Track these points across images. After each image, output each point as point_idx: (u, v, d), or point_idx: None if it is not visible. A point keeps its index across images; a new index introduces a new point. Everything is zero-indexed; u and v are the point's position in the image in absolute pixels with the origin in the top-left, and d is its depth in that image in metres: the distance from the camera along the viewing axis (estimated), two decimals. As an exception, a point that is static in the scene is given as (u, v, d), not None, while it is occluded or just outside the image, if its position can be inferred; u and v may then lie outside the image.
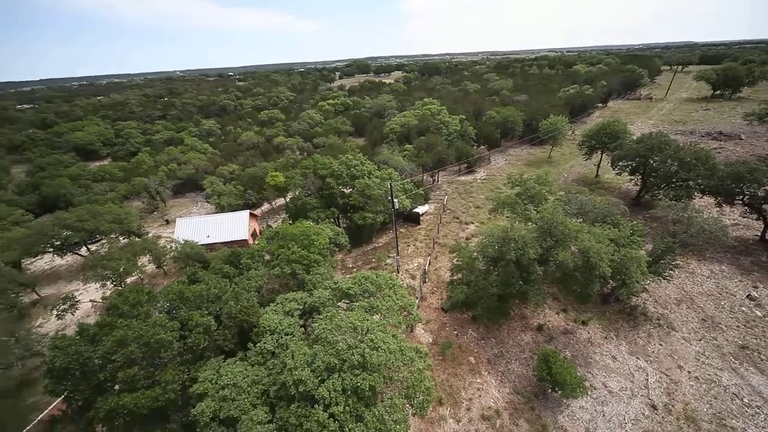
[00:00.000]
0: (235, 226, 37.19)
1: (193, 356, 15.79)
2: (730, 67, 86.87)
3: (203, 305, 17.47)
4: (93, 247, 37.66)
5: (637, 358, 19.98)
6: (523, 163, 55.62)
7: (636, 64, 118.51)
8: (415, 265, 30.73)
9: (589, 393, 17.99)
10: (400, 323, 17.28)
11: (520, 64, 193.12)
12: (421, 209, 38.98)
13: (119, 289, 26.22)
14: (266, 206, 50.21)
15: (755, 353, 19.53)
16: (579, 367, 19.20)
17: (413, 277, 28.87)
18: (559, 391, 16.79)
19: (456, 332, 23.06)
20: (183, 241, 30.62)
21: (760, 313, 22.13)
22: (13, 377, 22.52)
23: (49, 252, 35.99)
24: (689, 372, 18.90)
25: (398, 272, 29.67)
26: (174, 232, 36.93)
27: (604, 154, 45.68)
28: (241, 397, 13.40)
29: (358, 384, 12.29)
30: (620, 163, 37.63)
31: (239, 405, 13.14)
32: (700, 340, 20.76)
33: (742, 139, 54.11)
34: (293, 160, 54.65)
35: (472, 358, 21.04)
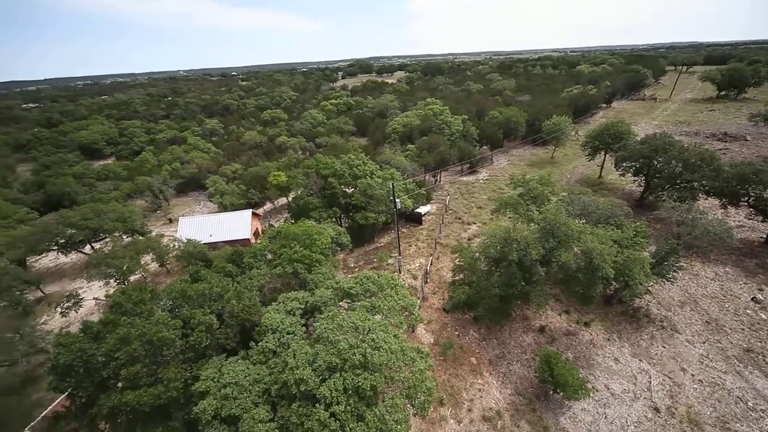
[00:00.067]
0: (238, 226, 37.35)
1: (195, 354, 15.89)
2: (735, 68, 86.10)
3: (205, 304, 17.58)
4: (97, 246, 37.94)
5: (640, 361, 19.86)
6: (526, 164, 55.43)
7: (640, 65, 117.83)
8: (417, 265, 30.72)
9: (591, 395, 17.90)
10: (402, 323, 17.28)
11: (523, 64, 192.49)
12: (423, 209, 38.96)
13: (123, 287, 26.40)
14: (268, 206, 50.39)
15: (760, 356, 19.35)
16: (581, 369, 19.12)
17: (415, 277, 28.87)
18: (561, 393, 16.74)
19: (457, 333, 23.03)
20: (186, 240, 30.81)
21: (765, 316, 21.92)
22: (17, 374, 22.80)
23: (54, 250, 36.39)
24: (693, 375, 18.77)
25: (400, 272, 29.67)
26: (177, 230, 37.16)
27: (608, 155, 45.43)
28: (243, 395, 13.47)
29: (360, 383, 12.31)
30: (624, 164, 37.44)
31: (241, 403, 13.20)
32: (704, 343, 20.61)
33: (747, 140, 53.63)
34: (296, 160, 54.82)
35: (474, 359, 21.00)
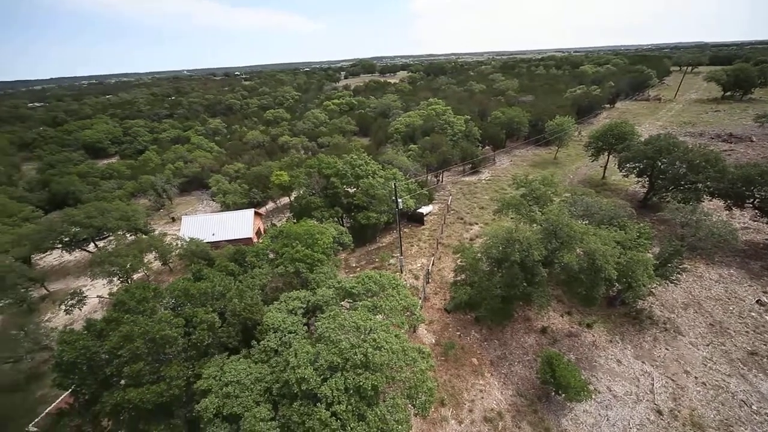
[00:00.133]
0: (240, 225, 37.49)
1: (198, 353, 15.97)
2: (741, 68, 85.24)
3: (208, 302, 17.67)
4: (101, 244, 38.24)
5: (643, 363, 19.74)
6: (529, 164, 55.23)
7: (645, 65, 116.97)
8: (419, 265, 30.69)
9: (594, 397, 17.83)
10: (403, 323, 17.27)
11: (527, 64, 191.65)
12: (425, 209, 38.92)
13: (126, 285, 26.56)
14: (271, 205, 50.54)
15: (765, 360, 19.18)
16: (583, 371, 19.03)
17: (416, 278, 28.85)
18: (563, 395, 16.67)
19: (459, 333, 22.99)
20: (188, 239, 30.95)
21: (770, 319, 21.73)
22: (22, 370, 22.99)
23: (58, 248, 36.66)
24: (696, 377, 18.64)
25: (401, 272, 29.66)
26: (180, 229, 37.35)
27: (611, 156, 45.17)
28: (245, 394, 13.52)
29: (361, 383, 12.33)
30: (627, 165, 37.21)
31: (242, 402, 13.25)
32: (708, 345, 20.45)
33: (753, 141, 53.11)
34: (298, 160, 54.90)
35: (475, 360, 20.96)
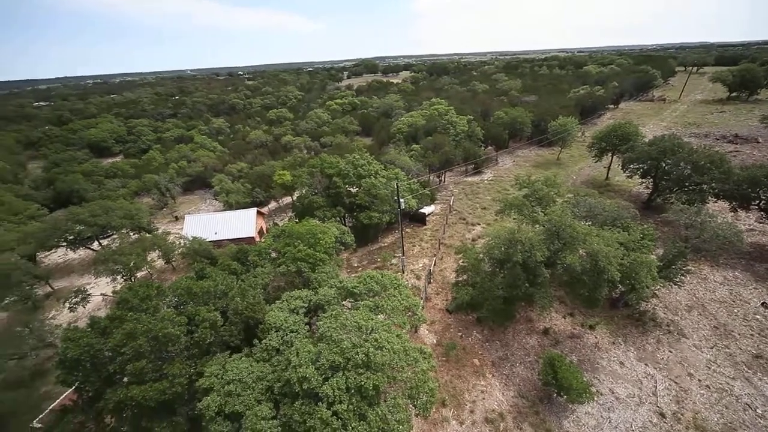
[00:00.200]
0: (243, 224, 37.61)
1: (200, 351, 16.05)
2: (747, 69, 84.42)
3: (210, 301, 17.75)
4: (104, 242, 38.49)
5: (646, 365, 19.62)
6: (531, 165, 55.03)
7: (649, 65, 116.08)
8: (421, 265, 30.67)
9: (596, 399, 17.75)
10: (405, 323, 17.27)
11: (530, 64, 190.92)
12: (427, 209, 38.88)
13: (129, 283, 26.74)
14: (273, 204, 50.66)
15: (769, 363, 19.02)
16: (585, 373, 18.94)
17: (418, 278, 28.83)
18: (565, 396, 16.60)
19: (460, 334, 22.95)
20: (191, 238, 31.10)
21: (775, 322, 21.53)
22: (27, 367, 23.22)
23: (63, 246, 36.97)
24: (700, 380, 18.50)
25: (403, 272, 29.65)
26: (183, 228, 37.52)
27: (615, 157, 44.94)
28: (246, 392, 13.58)
29: (362, 383, 12.34)
30: (631, 166, 37.00)
31: (244, 400, 13.31)
32: (712, 348, 20.29)
33: (759, 143, 52.61)
34: (300, 159, 54.99)
35: (477, 360, 20.92)
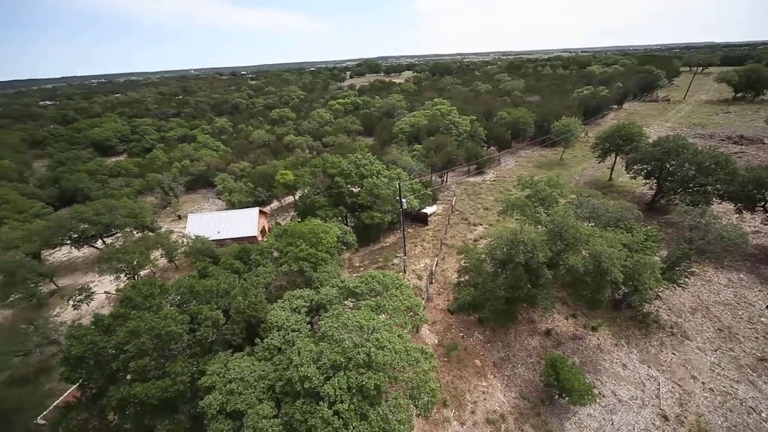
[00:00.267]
0: (245, 223, 37.73)
1: (202, 349, 16.13)
2: (753, 69, 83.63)
3: (213, 299, 17.82)
4: (108, 241, 38.78)
5: (649, 367, 19.49)
6: (534, 165, 54.81)
7: (654, 65, 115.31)
8: (422, 265, 30.64)
9: (598, 401, 17.65)
10: (406, 323, 17.27)
11: (533, 64, 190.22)
12: (429, 210, 38.83)
13: (133, 281, 26.92)
14: (275, 204, 50.80)
15: (774, 366, 18.84)
16: (587, 374, 18.86)
17: (420, 278, 28.80)
18: (567, 398, 16.53)
19: (462, 334, 22.91)
20: (194, 237, 31.25)
21: (780, 325, 21.31)
22: (31, 364, 23.43)
23: (67, 244, 37.26)
24: (703, 383, 18.36)
25: (405, 272, 29.64)
26: (186, 227, 37.69)
27: (618, 157, 44.63)
28: (248, 391, 13.63)
29: (363, 383, 12.35)
30: (635, 167, 36.70)
31: (246, 399, 13.36)
32: (716, 351, 20.12)
33: (764, 144, 52.07)
34: (303, 159, 55.16)
35: (478, 361, 20.87)
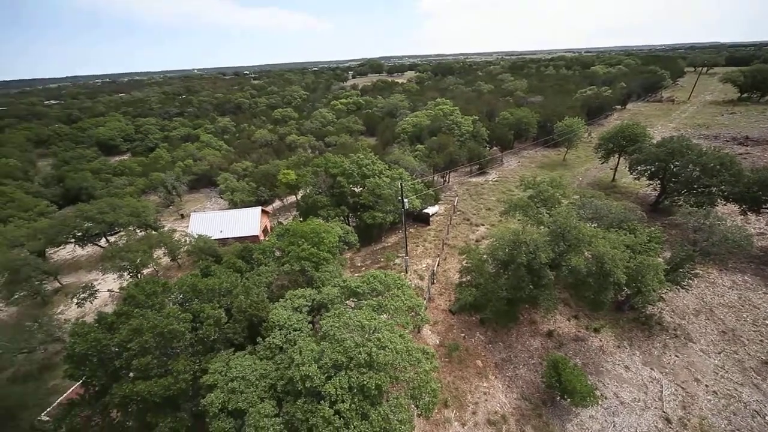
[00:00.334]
0: (247, 222, 37.89)
1: (204, 348, 16.21)
2: (759, 69, 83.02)
3: (215, 298, 17.90)
4: (112, 239, 39.02)
5: (652, 369, 19.38)
6: (537, 166, 54.62)
7: (658, 65, 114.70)
8: (424, 265, 30.62)
9: (600, 402, 17.57)
10: (408, 323, 17.27)
11: (536, 64, 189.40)
12: (431, 210, 38.80)
13: (136, 280, 27.08)
14: (278, 203, 50.95)
15: (779, 369, 18.67)
16: (590, 376, 18.77)
17: (422, 278, 28.78)
18: (569, 399, 16.46)
19: (463, 335, 22.87)
20: (197, 236, 31.41)
21: (785, 328, 21.12)
22: (35, 361, 23.65)
23: (71, 242, 37.52)
24: (707, 386, 18.23)
25: (407, 272, 29.62)
26: (188, 226, 37.90)
27: (622, 158, 44.39)
28: (249, 390, 13.68)
29: (365, 382, 12.36)
30: (638, 168, 36.51)
31: (247, 398, 13.40)
32: (720, 353, 19.97)
33: (770, 145, 51.67)
34: (305, 159, 55.29)
35: (480, 362, 20.83)
